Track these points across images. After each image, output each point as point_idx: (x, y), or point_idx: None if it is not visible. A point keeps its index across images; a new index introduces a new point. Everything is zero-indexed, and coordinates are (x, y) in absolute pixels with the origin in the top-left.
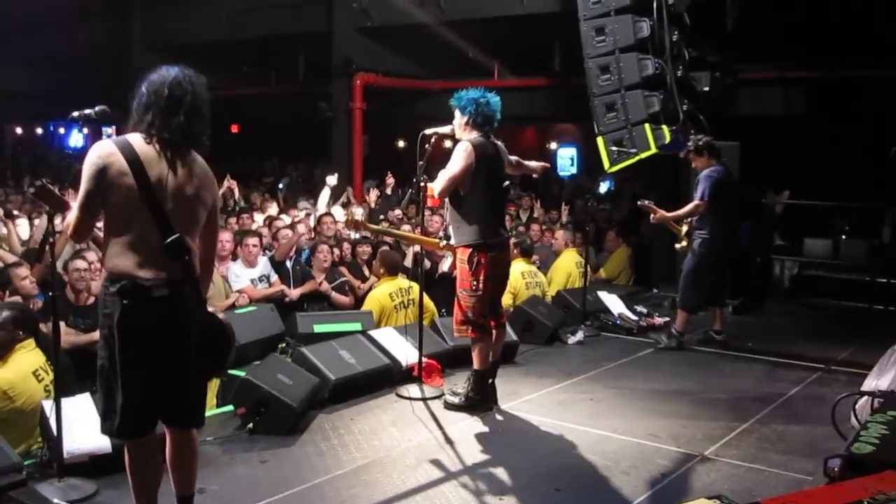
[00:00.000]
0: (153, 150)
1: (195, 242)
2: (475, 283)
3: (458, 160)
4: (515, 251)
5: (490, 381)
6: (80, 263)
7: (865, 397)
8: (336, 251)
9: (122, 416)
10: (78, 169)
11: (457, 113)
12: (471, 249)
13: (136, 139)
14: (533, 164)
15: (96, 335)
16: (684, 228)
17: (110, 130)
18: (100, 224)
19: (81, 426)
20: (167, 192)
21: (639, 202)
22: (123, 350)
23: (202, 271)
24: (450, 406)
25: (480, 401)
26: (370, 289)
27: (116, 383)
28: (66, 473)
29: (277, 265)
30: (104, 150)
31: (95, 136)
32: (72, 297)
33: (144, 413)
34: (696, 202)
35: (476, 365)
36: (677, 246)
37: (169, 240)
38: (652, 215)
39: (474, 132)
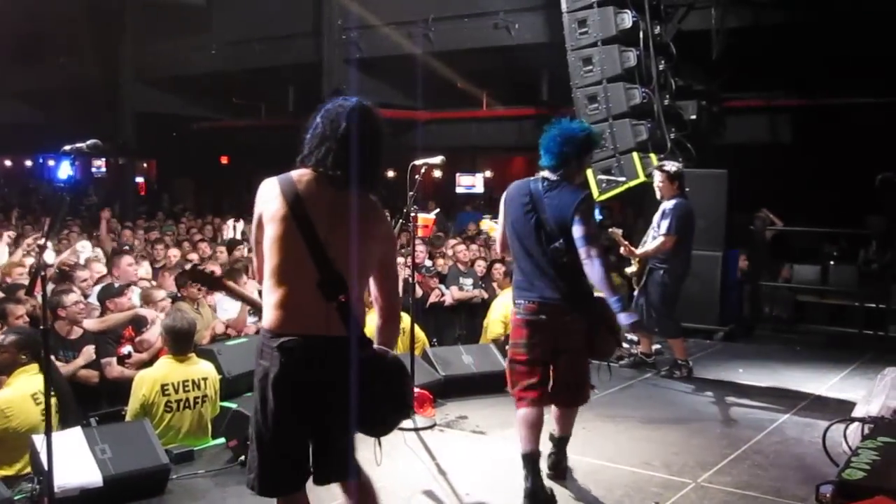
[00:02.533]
0: (319, 188)
1: (362, 290)
2: None
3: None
4: (506, 280)
5: None
6: (74, 297)
7: (856, 423)
8: None
9: (263, 472)
10: (69, 201)
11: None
12: None
13: (300, 175)
14: None
15: (80, 362)
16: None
17: (100, 163)
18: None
19: (72, 460)
20: (330, 234)
21: (609, 230)
22: (275, 408)
23: (383, 320)
24: None
25: None
26: None
27: (263, 437)
28: None
29: None
30: (265, 191)
31: (85, 168)
32: (62, 330)
33: (288, 472)
34: (664, 237)
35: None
36: (628, 270)
37: (327, 281)
38: (622, 249)
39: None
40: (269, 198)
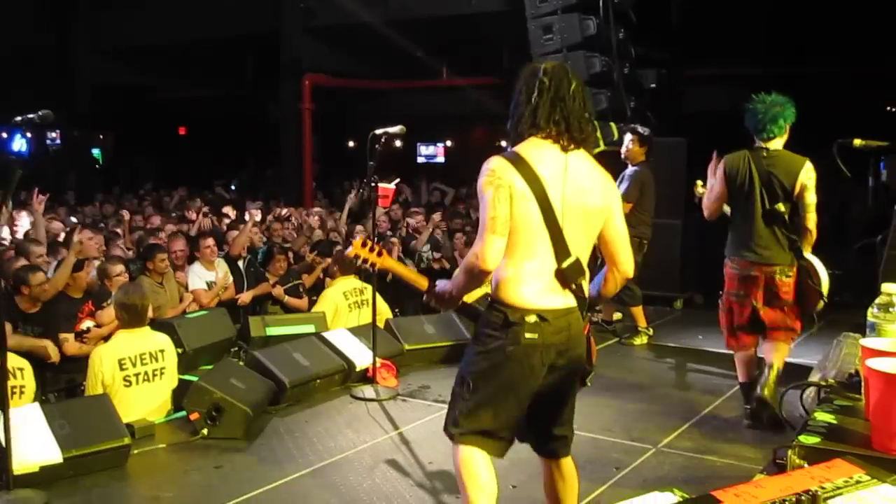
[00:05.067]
0: (545, 152)
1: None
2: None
3: None
4: (466, 248)
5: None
6: (41, 278)
7: (812, 388)
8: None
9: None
10: (22, 174)
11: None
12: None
13: (526, 147)
14: None
15: (44, 342)
16: None
17: (54, 134)
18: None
19: (31, 437)
20: (563, 202)
21: None
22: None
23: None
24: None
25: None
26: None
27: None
28: (16, 485)
29: (231, 265)
30: (499, 167)
31: (39, 140)
32: (22, 305)
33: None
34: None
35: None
36: None
37: (566, 264)
38: None
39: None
40: (510, 177)
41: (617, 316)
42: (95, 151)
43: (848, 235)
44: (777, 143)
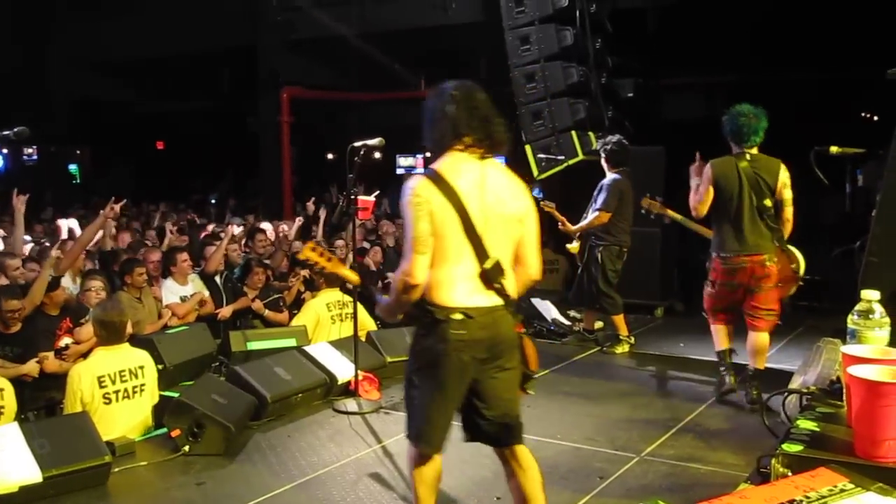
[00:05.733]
0: (463, 165)
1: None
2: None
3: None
4: None
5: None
6: (16, 304)
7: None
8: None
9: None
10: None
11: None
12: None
13: (442, 163)
14: None
15: (25, 368)
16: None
17: (31, 150)
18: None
19: (10, 456)
20: (481, 211)
21: (542, 204)
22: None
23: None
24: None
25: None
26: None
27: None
28: None
29: (207, 281)
30: (420, 187)
31: (15, 156)
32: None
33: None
34: (598, 212)
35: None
36: (569, 246)
37: (487, 266)
38: (560, 225)
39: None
40: (430, 195)
41: (598, 325)
42: (73, 167)
43: (826, 241)
44: (756, 149)
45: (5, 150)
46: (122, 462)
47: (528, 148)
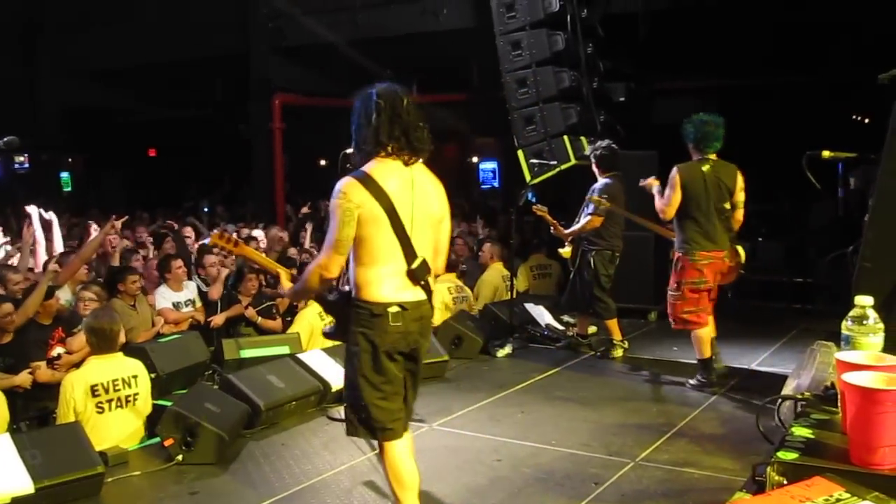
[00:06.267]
0: (391, 169)
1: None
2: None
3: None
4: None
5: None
6: (8, 307)
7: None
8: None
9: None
10: None
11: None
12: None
13: (371, 167)
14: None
15: (18, 379)
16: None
17: (22, 159)
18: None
19: (1, 468)
20: (409, 212)
21: (534, 207)
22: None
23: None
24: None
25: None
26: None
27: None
28: None
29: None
30: (349, 189)
31: (6, 165)
32: None
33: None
34: (590, 217)
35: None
36: (561, 251)
37: (415, 265)
38: (552, 229)
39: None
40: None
41: (592, 329)
42: (64, 175)
43: (818, 245)
44: (715, 154)
45: None
46: (115, 472)
47: (520, 153)
